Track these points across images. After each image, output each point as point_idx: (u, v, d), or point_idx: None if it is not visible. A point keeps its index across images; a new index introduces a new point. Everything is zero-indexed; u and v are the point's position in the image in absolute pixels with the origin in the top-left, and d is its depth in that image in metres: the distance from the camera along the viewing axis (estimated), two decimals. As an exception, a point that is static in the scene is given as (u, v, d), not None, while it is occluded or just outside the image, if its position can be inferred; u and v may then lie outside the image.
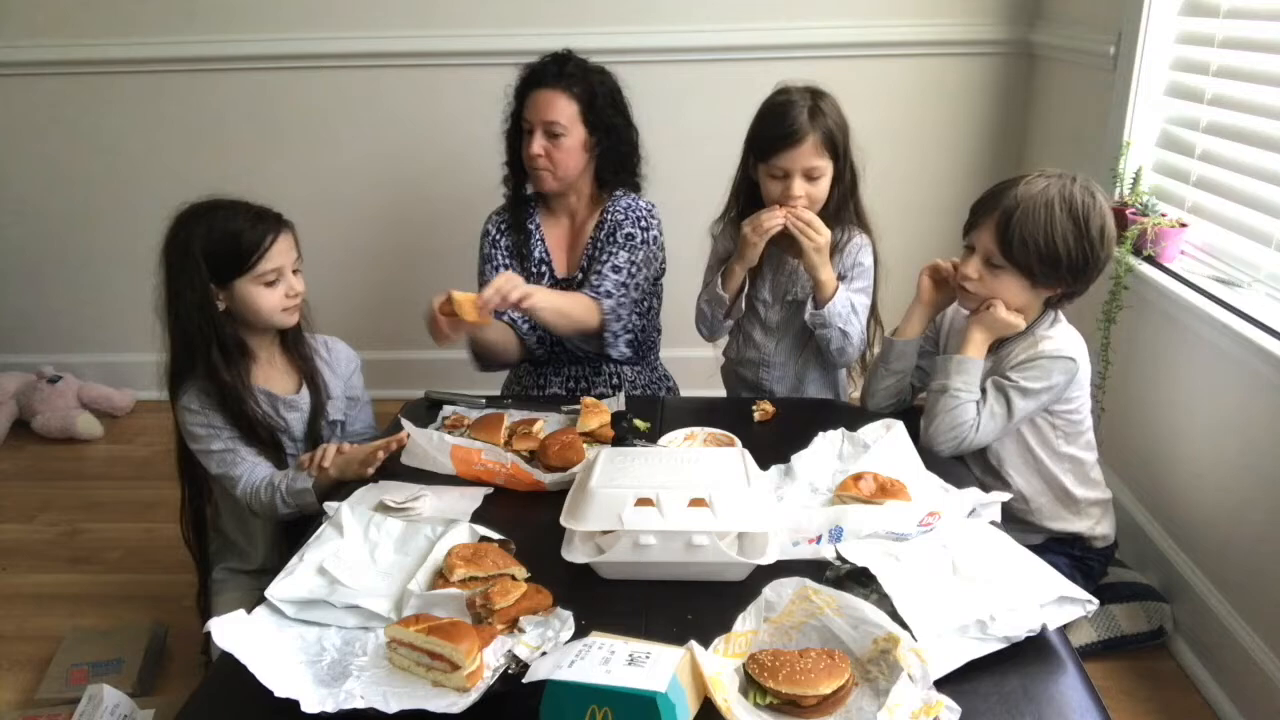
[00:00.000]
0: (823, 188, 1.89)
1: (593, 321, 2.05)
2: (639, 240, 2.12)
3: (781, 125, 1.84)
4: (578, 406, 1.79)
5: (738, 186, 2.02)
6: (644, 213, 2.14)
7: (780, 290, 2.02)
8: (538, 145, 2.03)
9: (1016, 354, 1.76)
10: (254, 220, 1.71)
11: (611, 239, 2.11)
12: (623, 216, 2.12)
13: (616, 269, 2.09)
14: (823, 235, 1.85)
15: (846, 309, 1.91)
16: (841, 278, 1.96)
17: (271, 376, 1.82)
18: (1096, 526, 1.91)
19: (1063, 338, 1.76)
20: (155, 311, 1.75)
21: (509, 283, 1.84)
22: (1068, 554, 1.89)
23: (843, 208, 1.94)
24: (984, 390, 1.76)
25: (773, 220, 1.85)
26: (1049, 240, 1.66)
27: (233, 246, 1.69)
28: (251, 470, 1.74)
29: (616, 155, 2.12)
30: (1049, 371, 1.73)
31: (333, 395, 1.88)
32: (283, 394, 1.82)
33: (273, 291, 1.73)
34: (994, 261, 1.72)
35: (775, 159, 1.86)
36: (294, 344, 1.85)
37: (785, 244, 1.96)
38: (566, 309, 2.00)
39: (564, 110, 2.02)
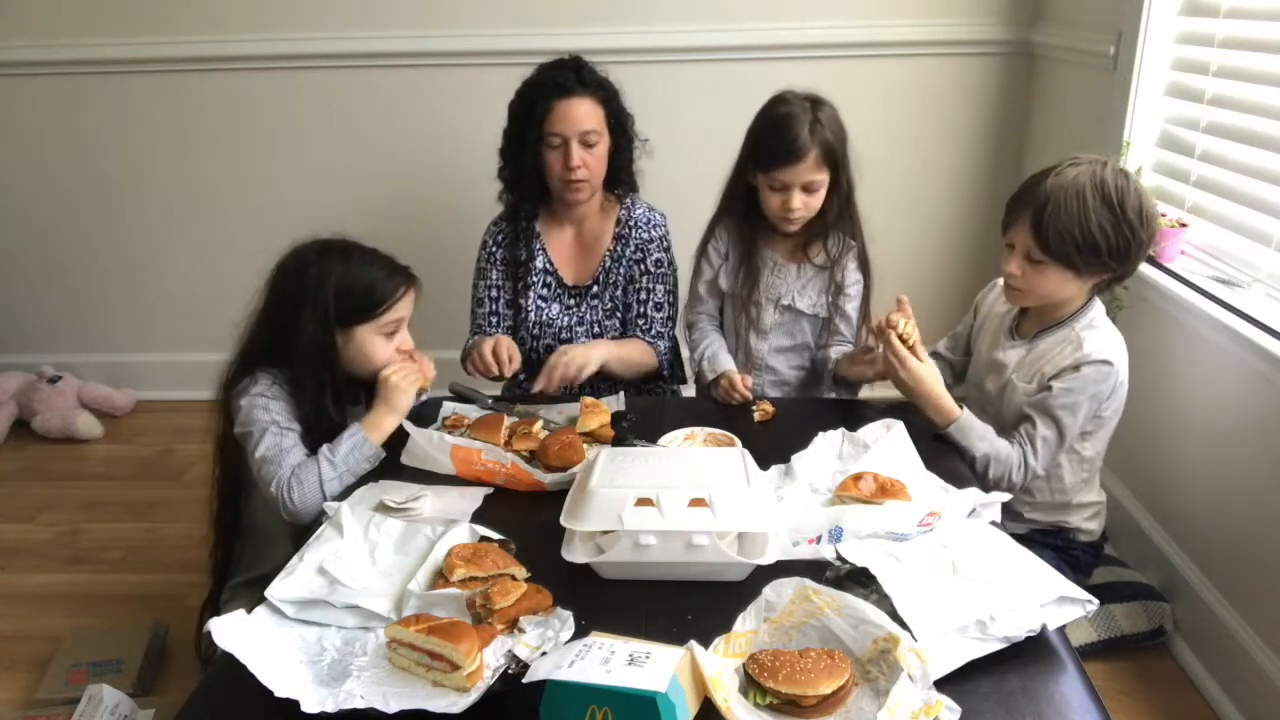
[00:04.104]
0: (820, 198, 1.90)
1: (652, 363, 2.10)
2: (666, 265, 2.14)
3: (783, 140, 1.84)
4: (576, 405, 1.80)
5: (732, 188, 2.01)
6: (664, 229, 2.15)
7: (774, 293, 2.03)
8: (578, 157, 1.98)
9: (1056, 356, 1.74)
10: (390, 271, 1.74)
11: (641, 265, 2.11)
12: (647, 236, 2.11)
13: (658, 306, 2.13)
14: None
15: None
16: (839, 291, 1.99)
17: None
18: (1085, 523, 1.91)
19: (1100, 340, 1.73)
20: (246, 316, 1.73)
21: (569, 366, 1.86)
22: (1052, 545, 1.89)
23: (841, 216, 1.95)
24: (1028, 416, 1.74)
25: (731, 397, 1.89)
26: (1085, 230, 1.64)
27: (366, 292, 1.70)
28: (300, 458, 1.67)
29: (628, 155, 2.10)
30: (1090, 381, 1.70)
31: None
32: (350, 405, 1.81)
33: (389, 344, 1.74)
34: (1034, 257, 1.70)
35: (775, 172, 1.87)
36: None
37: (777, 244, 2.00)
38: (631, 359, 2.05)
39: (595, 117, 1.99)
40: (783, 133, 1.84)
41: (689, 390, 2.33)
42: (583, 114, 1.97)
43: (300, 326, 1.67)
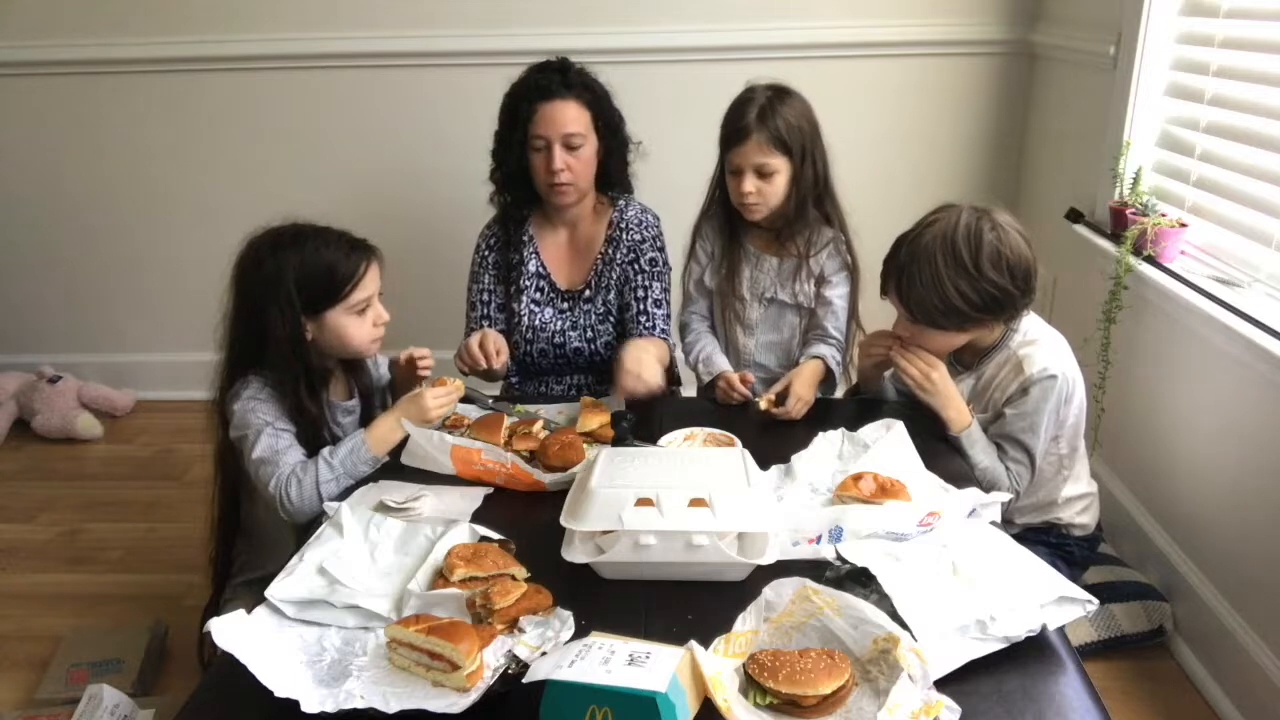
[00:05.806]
0: (777, 185, 1.91)
1: (667, 356, 2.08)
2: (661, 263, 2.13)
3: (732, 121, 1.89)
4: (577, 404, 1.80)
5: (715, 181, 2.04)
6: (657, 229, 2.14)
7: (759, 288, 2.03)
8: (560, 160, 1.95)
9: (1002, 382, 1.75)
10: (347, 249, 1.69)
11: (635, 265, 2.10)
12: (639, 237, 2.10)
13: (658, 303, 2.12)
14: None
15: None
16: (822, 281, 1.99)
17: (332, 386, 1.81)
18: (1076, 518, 1.91)
19: (1040, 355, 1.72)
20: (221, 319, 1.71)
21: (643, 383, 1.83)
22: (1044, 542, 1.89)
23: (803, 207, 1.95)
24: (995, 443, 1.74)
25: (731, 398, 1.91)
26: (942, 296, 1.62)
27: (327, 277, 1.66)
28: (298, 458, 1.67)
29: (619, 157, 2.09)
30: (1039, 400, 1.70)
31: (375, 405, 1.90)
32: (339, 400, 1.81)
33: (362, 321, 1.72)
34: (909, 321, 1.71)
35: (729, 153, 1.91)
36: (356, 364, 1.86)
37: (756, 237, 2.01)
38: (663, 359, 2.02)
39: (580, 119, 1.97)
40: (734, 115, 1.90)
41: (688, 391, 2.33)
42: (567, 117, 1.96)
43: (268, 324, 1.64)
